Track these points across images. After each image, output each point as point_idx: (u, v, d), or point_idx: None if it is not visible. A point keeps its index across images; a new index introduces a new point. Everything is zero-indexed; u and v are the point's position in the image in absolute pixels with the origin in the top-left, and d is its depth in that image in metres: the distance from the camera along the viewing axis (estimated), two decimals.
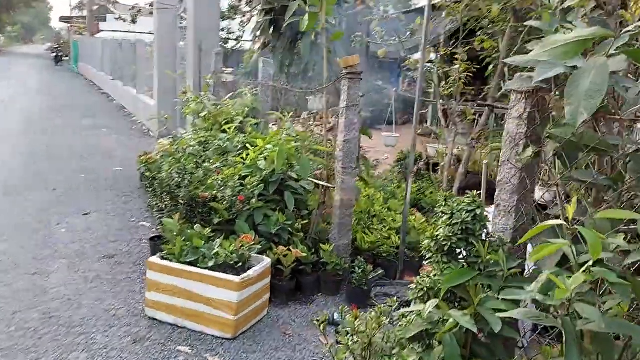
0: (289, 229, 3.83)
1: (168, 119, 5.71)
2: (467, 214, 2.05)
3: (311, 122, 7.20)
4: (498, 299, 1.96)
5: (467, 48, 6.01)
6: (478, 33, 6.11)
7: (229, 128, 5.21)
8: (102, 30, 26.95)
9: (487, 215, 2.10)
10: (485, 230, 2.08)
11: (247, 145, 4.69)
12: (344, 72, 3.70)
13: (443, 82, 6.26)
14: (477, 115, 6.32)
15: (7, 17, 50.08)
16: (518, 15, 5.48)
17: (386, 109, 10.06)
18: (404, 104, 11.78)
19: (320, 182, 4.01)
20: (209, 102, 5.57)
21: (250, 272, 3.16)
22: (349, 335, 2.23)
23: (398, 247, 4.26)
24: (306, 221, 4.04)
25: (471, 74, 6.32)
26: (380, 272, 4.00)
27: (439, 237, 2.09)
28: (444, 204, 2.17)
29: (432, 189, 6.38)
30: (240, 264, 3.22)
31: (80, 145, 8.50)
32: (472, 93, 6.37)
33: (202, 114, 5.55)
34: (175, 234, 3.39)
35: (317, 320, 3.35)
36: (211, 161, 4.36)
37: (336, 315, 3.36)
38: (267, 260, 3.39)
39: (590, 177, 1.87)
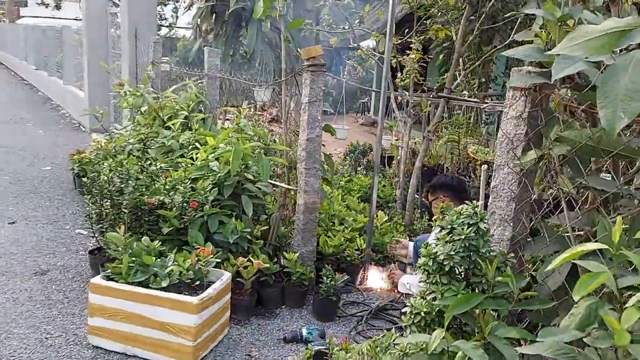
0: (248, 236, 3.50)
1: (104, 114, 5.16)
2: (469, 228, 1.82)
3: (257, 114, 6.84)
4: (508, 322, 1.75)
5: (421, 37, 5.84)
6: (428, 21, 5.98)
7: (173, 124, 4.76)
8: (23, 16, 25.00)
9: (489, 228, 1.87)
10: (487, 247, 1.85)
11: (196, 143, 4.29)
12: (305, 63, 3.38)
13: (398, 73, 6.06)
14: (434, 107, 6.18)
15: None
16: (472, 3, 5.35)
17: (332, 100, 9.83)
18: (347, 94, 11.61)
19: (281, 184, 3.69)
20: (150, 95, 5.08)
21: (209, 291, 2.81)
22: None
23: (362, 250, 4.02)
24: (265, 227, 3.71)
25: (424, 64, 6.19)
26: (346, 277, 3.74)
27: (437, 255, 1.85)
28: (441, 217, 1.92)
29: (385, 182, 6.22)
30: (198, 282, 2.86)
31: (2, 142, 7.68)
32: (426, 84, 6.24)
33: (143, 109, 5.06)
34: (120, 249, 2.97)
35: (285, 339, 3.08)
36: (157, 162, 3.92)
37: (305, 331, 3.08)
38: (227, 275, 3.05)
39: (613, 186, 1.67)
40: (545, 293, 1.88)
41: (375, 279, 3.95)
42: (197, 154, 3.98)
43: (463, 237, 1.80)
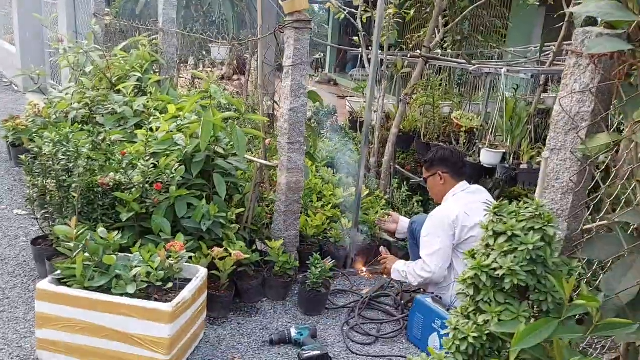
0: (222, 221, 3.02)
1: (41, 74, 4.44)
2: (536, 236, 1.44)
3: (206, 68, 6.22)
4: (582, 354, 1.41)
5: None
6: None
7: (125, 87, 4.12)
8: None
9: (558, 234, 1.51)
10: (554, 257, 1.49)
11: (154, 111, 3.71)
12: (288, 19, 2.86)
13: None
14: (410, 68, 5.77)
15: None
16: None
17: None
18: None
19: (259, 160, 3.21)
20: (95, 53, 4.39)
21: (184, 294, 2.36)
22: None
23: (347, 230, 3.65)
24: (241, 210, 3.24)
25: (400, 20, 5.75)
26: (331, 262, 3.35)
27: (494, 268, 1.47)
28: (492, 216, 1.54)
29: (357, 149, 5.82)
30: (169, 284, 2.40)
31: None
32: (405, 42, 5.81)
33: (87, 69, 4.37)
34: (72, 245, 2.44)
35: (271, 341, 2.70)
36: (110, 134, 3.34)
37: (294, 331, 2.70)
38: (202, 272, 2.59)
39: None
40: (612, 307, 1.56)
41: (362, 262, 3.60)
42: (157, 123, 3.42)
43: (530, 246, 1.42)
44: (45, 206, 3.08)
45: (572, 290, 1.46)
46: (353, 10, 5.97)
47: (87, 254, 2.38)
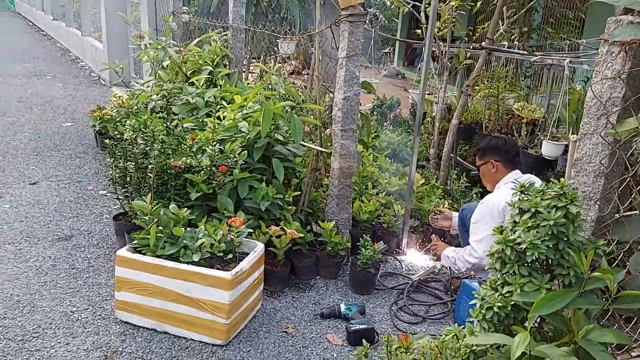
0: (279, 202, 3.26)
1: (124, 68, 4.88)
2: (557, 212, 1.54)
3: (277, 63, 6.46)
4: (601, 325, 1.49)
5: None
6: None
7: (198, 80, 4.46)
8: None
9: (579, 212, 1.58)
10: (578, 234, 1.57)
11: (222, 102, 4.00)
12: (343, 14, 3.03)
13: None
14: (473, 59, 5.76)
15: None
16: None
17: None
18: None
19: (314, 146, 3.41)
20: (172, 49, 4.77)
21: (243, 264, 2.61)
22: None
23: (399, 216, 3.77)
24: (297, 193, 3.46)
25: (463, 12, 5.74)
26: (383, 246, 3.50)
27: (517, 242, 1.58)
28: (520, 195, 1.64)
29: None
30: (230, 255, 2.66)
31: (20, 96, 7.49)
32: (468, 34, 5.79)
33: (165, 63, 4.75)
34: (147, 218, 2.76)
35: (322, 314, 2.89)
36: (183, 122, 3.66)
37: (343, 307, 2.88)
38: (260, 246, 2.83)
39: None
40: (638, 284, 1.62)
41: (414, 248, 3.71)
42: (224, 113, 3.71)
43: (551, 222, 1.52)
44: (125, 186, 3.45)
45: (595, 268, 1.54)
46: (417, 3, 6.02)
47: (159, 227, 2.69)
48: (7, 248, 3.38)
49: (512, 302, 1.61)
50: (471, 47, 5.52)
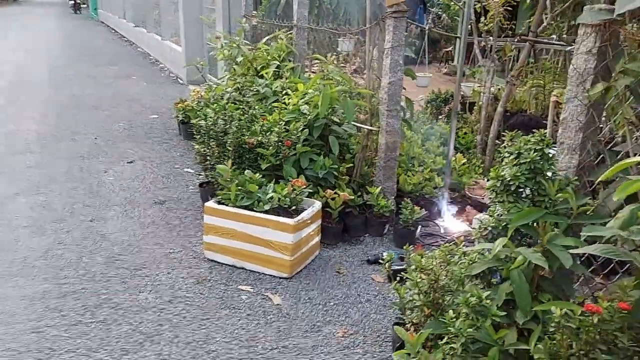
0: (335, 172, 3.88)
1: (204, 66, 5.68)
2: (535, 153, 2.06)
3: (341, 64, 7.07)
4: (567, 236, 2.00)
5: None
6: None
7: (266, 73, 5.18)
8: None
9: (552, 154, 2.10)
10: (552, 169, 2.09)
11: (287, 90, 4.67)
12: (388, 10, 3.61)
13: (482, 17, 6.05)
14: (517, 51, 6.14)
15: None
16: None
17: (414, 50, 9.81)
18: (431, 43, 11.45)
19: (364, 126, 4.00)
20: (245, 47, 5.51)
21: (303, 215, 3.25)
22: (415, 271, 2.29)
23: (439, 188, 4.29)
24: (350, 165, 4.08)
25: (510, 8, 6.12)
26: (424, 213, 4.04)
27: (504, 176, 2.11)
28: (509, 143, 2.17)
29: (467, 129, 6.33)
30: (293, 207, 3.31)
31: (111, 94, 8.57)
32: (510, 28, 6.16)
33: (239, 59, 5.51)
34: (228, 179, 3.46)
35: (368, 261, 3.48)
36: (257, 108, 4.37)
37: (385, 255, 3.45)
38: (317, 204, 3.47)
39: None
40: (605, 213, 2.10)
41: (452, 215, 4.22)
42: (289, 99, 4.38)
43: (529, 160, 2.04)
44: (208, 159, 4.19)
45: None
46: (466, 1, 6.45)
47: (238, 186, 3.39)
48: (116, 209, 4.21)
49: (504, 224, 2.15)
50: (516, 40, 5.90)
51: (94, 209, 4.18)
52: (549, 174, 2.09)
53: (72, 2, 29.92)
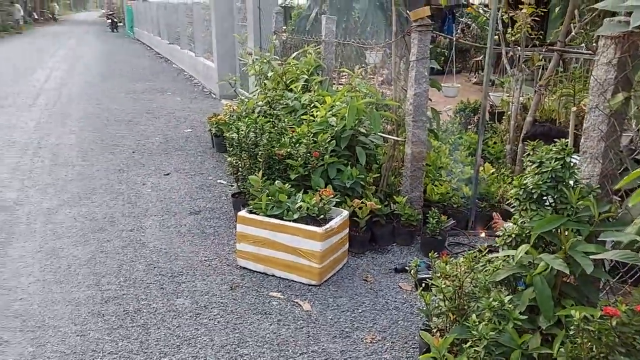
0: (362, 182, 3.98)
1: (237, 81, 5.87)
2: (557, 162, 2.11)
3: (369, 76, 7.19)
4: (589, 243, 2.04)
5: None
6: None
7: (295, 87, 5.33)
8: None
9: (575, 163, 2.15)
10: (574, 178, 2.13)
11: (316, 103, 4.80)
12: (413, 24, 3.70)
13: (509, 28, 6.07)
14: (545, 60, 6.13)
15: None
16: None
17: (443, 60, 9.86)
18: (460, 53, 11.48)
19: (390, 136, 4.09)
20: (275, 62, 5.69)
21: (331, 223, 3.35)
22: (440, 278, 2.36)
23: (467, 198, 4.33)
24: (376, 175, 4.17)
25: (537, 18, 6.13)
26: (452, 222, 4.08)
27: (527, 185, 2.17)
28: (531, 152, 2.23)
29: (496, 138, 6.33)
30: (321, 216, 3.41)
31: (147, 109, 8.89)
32: (538, 38, 6.16)
33: (269, 74, 5.68)
34: (259, 189, 3.60)
35: (396, 269, 3.55)
36: (286, 120, 4.52)
37: (411, 263, 3.51)
38: (345, 213, 3.56)
39: None
40: (628, 220, 2.13)
41: (480, 224, 4.25)
42: (317, 111, 4.51)
43: (550, 169, 2.10)
44: (240, 170, 4.34)
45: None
46: (487, 10, 6.48)
47: (268, 195, 3.52)
48: (154, 219, 4.39)
49: (527, 232, 2.20)
50: (544, 50, 5.90)
51: (133, 219, 4.37)
52: (571, 182, 2.13)
53: (110, 20, 31.05)
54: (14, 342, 2.76)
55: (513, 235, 2.22)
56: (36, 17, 39.14)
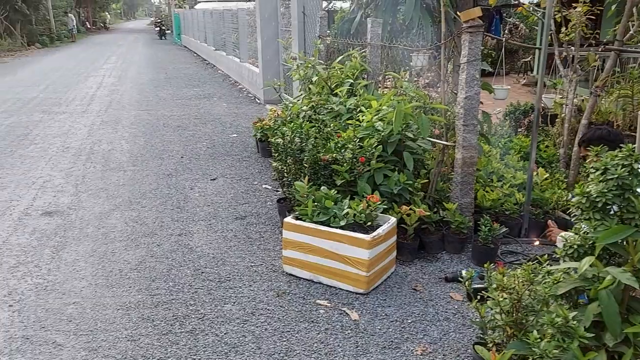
0: (409, 188, 3.89)
1: (282, 86, 5.89)
2: (623, 169, 1.98)
3: (413, 79, 7.06)
4: None
5: None
6: None
7: (340, 91, 5.29)
8: (200, 2, 27.96)
9: None
10: None
11: (361, 107, 4.75)
12: (464, 25, 3.60)
13: (562, 27, 5.84)
14: (601, 61, 5.86)
15: None
16: None
17: (491, 61, 9.59)
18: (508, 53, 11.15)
19: (439, 141, 3.99)
20: (319, 67, 5.67)
21: (379, 231, 3.28)
22: (497, 290, 2.25)
23: (520, 205, 4.17)
24: (425, 180, 4.07)
25: (593, 17, 5.86)
26: (504, 229, 3.93)
27: (590, 193, 2.04)
28: (595, 159, 2.10)
29: (548, 142, 6.09)
30: (369, 223, 3.35)
31: (195, 114, 9.06)
32: (594, 37, 5.90)
33: (314, 79, 5.67)
34: (305, 195, 3.57)
35: (446, 278, 3.44)
36: (332, 125, 4.48)
37: (464, 273, 3.39)
38: (393, 220, 3.49)
39: None
40: None
41: (534, 232, 4.07)
42: (363, 116, 4.45)
43: (616, 176, 1.97)
44: (286, 176, 4.33)
45: None
46: (545, 11, 6.25)
47: (314, 202, 3.48)
48: (201, 223, 4.44)
49: (590, 242, 2.08)
50: (600, 50, 5.64)
51: (182, 224, 4.44)
52: (639, 190, 1.99)
53: (158, 28, 31.99)
54: (67, 345, 2.83)
55: (575, 246, 2.10)
56: (89, 26, 40.84)
